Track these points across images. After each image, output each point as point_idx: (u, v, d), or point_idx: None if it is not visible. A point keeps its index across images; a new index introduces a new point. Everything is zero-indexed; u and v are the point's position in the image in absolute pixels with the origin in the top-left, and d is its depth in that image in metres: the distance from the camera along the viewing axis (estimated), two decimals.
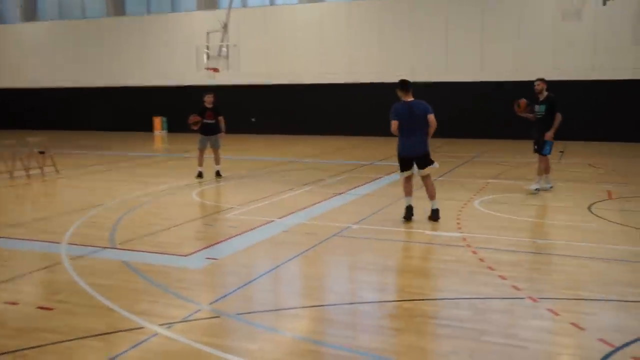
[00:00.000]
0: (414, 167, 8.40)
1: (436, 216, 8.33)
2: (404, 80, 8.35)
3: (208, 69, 21.16)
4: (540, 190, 10.62)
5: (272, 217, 8.74)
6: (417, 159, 8.33)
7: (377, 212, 9.14)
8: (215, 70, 21.20)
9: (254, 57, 25.39)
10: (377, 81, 23.48)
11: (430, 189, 8.41)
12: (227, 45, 21.37)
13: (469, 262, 6.40)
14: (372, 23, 24.29)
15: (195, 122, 12.51)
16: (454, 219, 8.51)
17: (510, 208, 9.34)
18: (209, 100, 12.78)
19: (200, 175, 12.74)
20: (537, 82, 10.55)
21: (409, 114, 8.12)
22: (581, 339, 4.43)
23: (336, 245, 7.26)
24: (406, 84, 8.28)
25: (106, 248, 7.09)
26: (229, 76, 22.96)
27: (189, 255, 6.78)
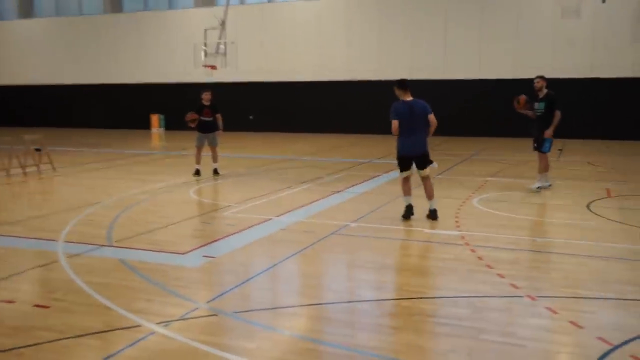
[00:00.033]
0: (413, 167, 8.39)
1: (434, 216, 8.32)
2: (402, 79, 8.35)
3: (206, 66, 21.13)
4: (542, 189, 10.61)
5: (270, 215, 8.72)
6: (417, 158, 8.31)
7: (375, 210, 9.12)
8: (213, 67, 21.17)
9: (252, 54, 25.35)
10: (376, 79, 23.46)
11: (429, 189, 8.39)
12: (225, 42, 21.35)
13: (467, 260, 6.39)
14: (371, 20, 24.25)
15: (192, 119, 12.47)
16: (453, 217, 8.49)
17: (509, 206, 9.33)
18: (207, 98, 12.74)
19: (197, 173, 12.71)
20: (537, 80, 10.54)
21: (410, 113, 8.10)
22: (580, 337, 4.42)
23: (334, 243, 7.24)
24: (405, 83, 8.27)
25: (103, 246, 7.06)
26: (227, 73, 22.94)
27: (186, 253, 6.76)
